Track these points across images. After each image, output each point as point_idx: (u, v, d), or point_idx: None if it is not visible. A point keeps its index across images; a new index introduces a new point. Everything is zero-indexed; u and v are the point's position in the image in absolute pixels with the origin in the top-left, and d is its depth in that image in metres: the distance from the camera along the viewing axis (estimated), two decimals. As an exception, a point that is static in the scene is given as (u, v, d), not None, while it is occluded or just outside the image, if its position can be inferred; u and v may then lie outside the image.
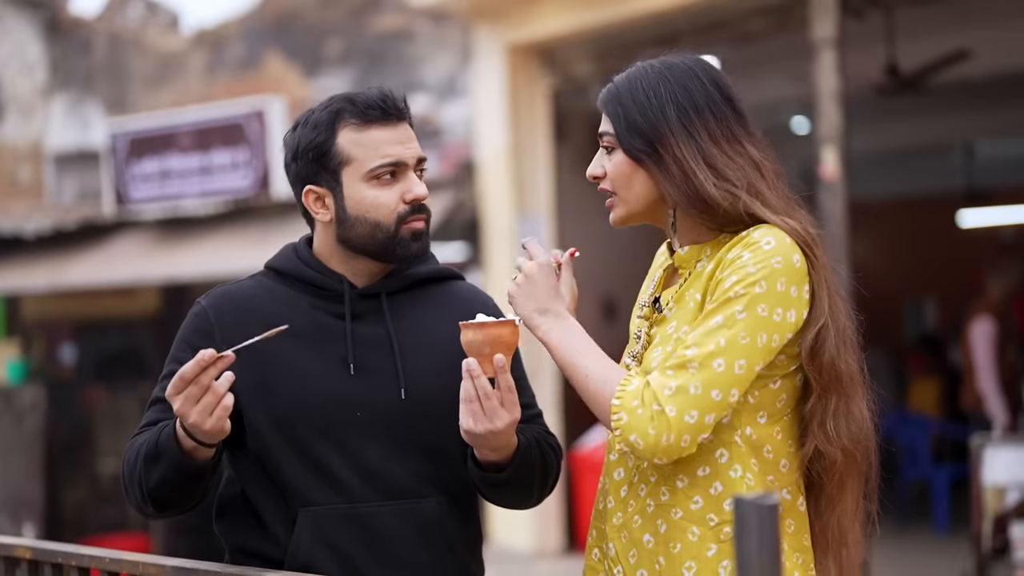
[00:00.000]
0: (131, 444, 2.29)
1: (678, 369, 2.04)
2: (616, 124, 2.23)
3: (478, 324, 2.14)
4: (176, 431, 2.15)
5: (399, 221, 2.31)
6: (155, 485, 2.21)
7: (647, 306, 2.28)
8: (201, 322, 2.34)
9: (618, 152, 2.23)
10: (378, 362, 2.31)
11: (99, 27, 11.73)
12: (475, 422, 2.13)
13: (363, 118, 2.32)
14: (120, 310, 10.71)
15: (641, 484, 2.17)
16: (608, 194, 2.25)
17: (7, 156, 11.60)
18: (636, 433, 2.03)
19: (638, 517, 2.17)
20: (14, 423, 8.96)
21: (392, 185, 2.32)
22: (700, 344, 2.05)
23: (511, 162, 8.66)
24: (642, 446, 2.03)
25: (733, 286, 2.07)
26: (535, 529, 8.46)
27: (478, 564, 2.43)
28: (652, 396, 2.03)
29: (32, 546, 2.42)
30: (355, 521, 2.26)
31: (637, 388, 2.05)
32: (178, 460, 2.16)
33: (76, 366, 10.78)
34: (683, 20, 7.65)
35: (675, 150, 2.18)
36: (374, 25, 10.01)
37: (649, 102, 2.22)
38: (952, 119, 10.35)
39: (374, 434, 2.28)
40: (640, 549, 2.16)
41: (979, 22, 7.58)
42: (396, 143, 2.33)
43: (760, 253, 2.08)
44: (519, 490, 2.32)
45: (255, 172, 9.34)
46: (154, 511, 2.27)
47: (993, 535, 5.74)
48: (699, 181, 2.15)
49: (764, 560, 1.45)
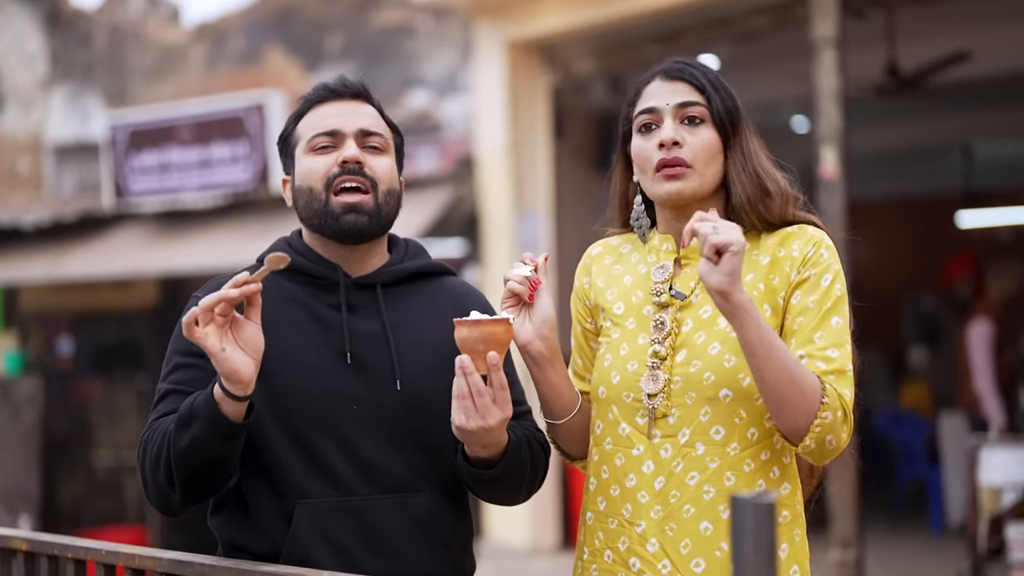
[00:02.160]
0: (149, 433, 2.25)
1: (839, 375, 2.14)
2: (713, 98, 2.23)
3: (473, 321, 2.14)
4: (212, 391, 2.14)
5: (328, 187, 2.31)
6: (184, 451, 2.14)
7: (663, 293, 2.25)
8: None
9: (707, 126, 2.23)
10: (374, 355, 2.31)
11: (100, 19, 11.71)
12: (467, 418, 2.13)
13: (316, 100, 2.39)
14: (118, 302, 10.70)
15: (691, 472, 2.16)
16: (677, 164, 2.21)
17: (6, 148, 11.59)
18: (833, 434, 2.11)
19: (690, 506, 2.16)
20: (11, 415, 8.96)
21: (328, 153, 2.34)
22: (839, 346, 2.15)
23: (510, 158, 8.66)
24: (834, 445, 2.12)
25: (833, 284, 2.18)
26: (531, 526, 8.46)
27: (469, 559, 2.44)
28: (840, 401, 2.11)
29: (28, 538, 2.42)
30: (352, 514, 2.26)
31: (834, 393, 2.11)
32: (212, 418, 2.12)
33: (73, 358, 10.78)
34: (684, 18, 7.65)
35: (748, 140, 2.24)
36: (375, 20, 9.99)
37: (730, 91, 2.27)
38: (951, 120, 10.34)
39: (370, 427, 2.28)
40: (696, 538, 2.15)
41: (979, 23, 7.58)
42: (335, 116, 2.36)
43: (832, 251, 2.22)
44: (508, 487, 2.33)
45: (254, 166, 9.34)
46: (180, 494, 2.20)
47: (989, 536, 5.75)
48: (768, 175, 2.23)
49: (760, 559, 1.45)
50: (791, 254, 2.19)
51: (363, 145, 2.34)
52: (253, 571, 2.09)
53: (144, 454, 2.24)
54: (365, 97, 2.41)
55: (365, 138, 2.35)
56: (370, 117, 2.39)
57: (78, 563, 2.32)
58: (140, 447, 2.27)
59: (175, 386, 2.29)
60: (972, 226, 12.24)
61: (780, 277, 2.19)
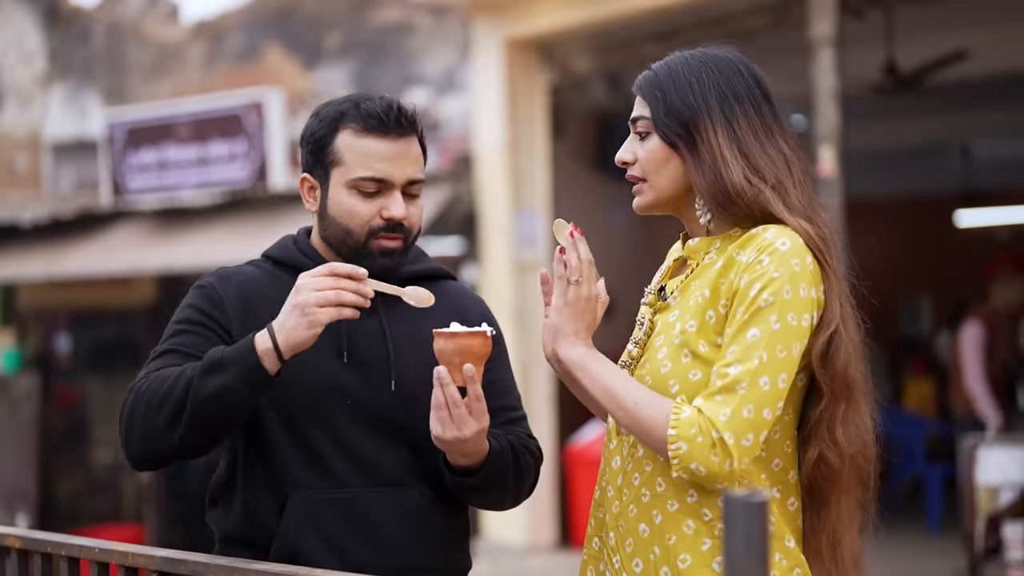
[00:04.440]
0: (146, 381, 2.25)
1: (727, 393, 2.02)
2: (654, 108, 2.20)
3: (449, 333, 2.16)
4: (251, 344, 2.17)
5: (370, 235, 2.32)
6: (208, 395, 2.16)
7: (652, 293, 2.27)
8: (210, 293, 2.37)
9: (653, 137, 2.20)
10: (371, 354, 2.33)
11: (98, 16, 11.71)
12: (443, 429, 2.17)
13: (363, 125, 2.33)
14: (116, 300, 10.70)
15: (635, 473, 2.17)
16: (635, 181, 2.22)
17: (5, 145, 11.59)
18: (697, 462, 2.00)
19: (633, 507, 2.16)
20: (9, 412, 8.96)
21: (373, 199, 2.33)
22: (743, 361, 2.03)
23: (509, 156, 8.66)
24: (704, 473, 2.01)
25: (760, 293, 2.05)
26: (528, 524, 8.46)
27: (464, 556, 2.45)
28: (708, 424, 2.00)
29: (22, 535, 2.42)
30: (343, 505, 2.28)
31: (691, 417, 2.01)
32: (249, 368, 2.16)
33: (72, 355, 10.78)
34: (682, 16, 7.65)
35: (711, 136, 2.17)
36: (374, 18, 9.99)
37: (691, 87, 2.20)
38: (950, 119, 10.35)
39: (363, 422, 2.31)
40: (636, 538, 2.15)
41: (977, 22, 7.58)
42: (386, 159, 2.33)
43: (778, 256, 2.07)
44: (491, 494, 2.35)
45: (252, 164, 9.33)
46: (181, 438, 2.19)
47: (986, 535, 5.75)
48: (729, 170, 2.15)
49: (752, 557, 1.45)
50: (740, 259, 2.11)
51: (405, 192, 2.35)
52: (246, 569, 2.09)
53: (138, 398, 2.24)
54: (414, 130, 2.38)
55: (410, 187, 2.35)
56: (416, 160, 2.37)
57: (71, 561, 2.32)
58: (131, 393, 2.27)
59: (177, 347, 2.31)
60: (970, 225, 12.26)
61: (727, 283, 2.12)
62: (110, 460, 10.17)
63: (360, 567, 2.24)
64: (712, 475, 2.01)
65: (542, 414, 8.25)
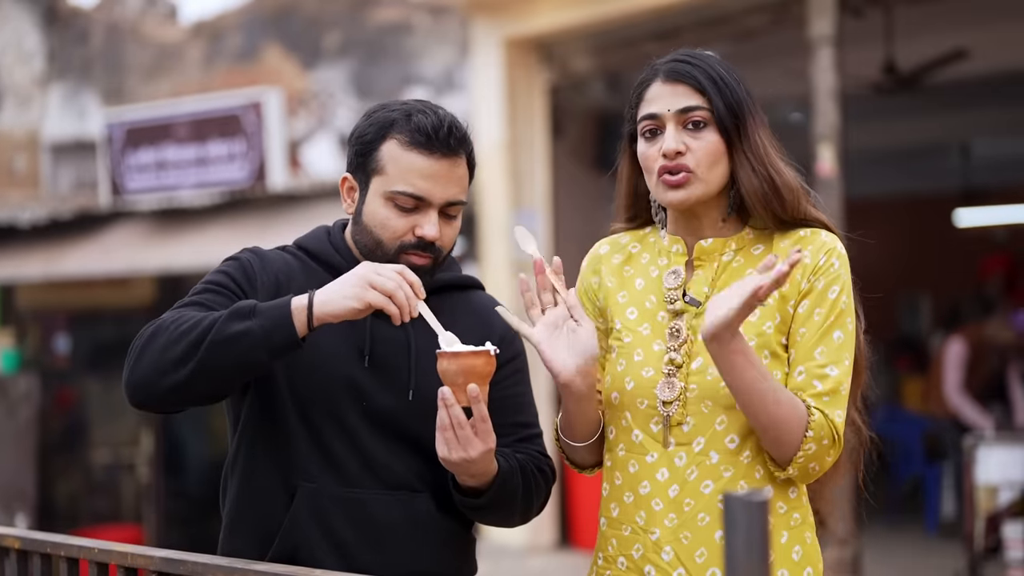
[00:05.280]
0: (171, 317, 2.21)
1: (834, 395, 2.12)
2: (714, 99, 2.15)
3: (452, 353, 2.14)
4: (289, 300, 2.13)
5: (400, 249, 2.29)
6: (228, 337, 2.11)
7: (677, 300, 2.22)
8: (246, 266, 2.34)
9: (710, 130, 2.16)
10: (393, 360, 2.32)
11: (97, 17, 11.70)
12: (449, 450, 2.15)
13: (410, 138, 2.29)
14: (115, 300, 10.69)
15: (706, 481, 2.15)
16: (676, 172, 2.16)
17: (4, 145, 11.58)
18: (816, 461, 2.11)
19: (704, 514, 2.14)
20: (7, 413, 8.95)
21: (408, 215, 2.29)
22: (837, 364, 2.12)
23: (508, 156, 8.65)
24: (817, 470, 2.12)
25: (840, 296, 2.15)
26: (528, 524, 8.44)
27: (469, 563, 2.44)
28: (831, 427, 2.10)
29: (21, 536, 2.42)
30: (350, 504, 2.27)
31: (821, 421, 2.09)
32: (278, 320, 2.11)
33: (70, 356, 10.77)
34: (682, 15, 7.64)
35: (756, 135, 2.17)
36: (373, 18, 9.98)
37: (738, 84, 2.19)
38: (949, 118, 10.34)
39: (377, 425, 2.29)
40: (711, 547, 2.13)
41: (977, 21, 7.58)
42: (429, 177, 2.28)
43: (843, 259, 2.17)
44: (499, 514, 2.34)
45: (251, 164, 9.33)
46: (183, 377, 2.14)
47: (986, 534, 5.75)
48: (778, 169, 2.16)
49: (752, 558, 1.44)
50: (803, 260, 2.13)
51: (443, 212, 2.32)
52: (246, 569, 2.08)
53: (160, 328, 2.19)
54: (463, 150, 2.34)
55: (448, 207, 2.32)
56: (460, 181, 2.33)
57: (71, 561, 2.32)
58: (150, 327, 2.21)
59: (203, 301, 2.27)
60: (970, 224, 12.25)
61: (791, 284, 2.14)
62: (109, 460, 10.15)
63: (365, 568, 2.23)
64: (822, 471, 2.13)
65: (542, 414, 8.21)
